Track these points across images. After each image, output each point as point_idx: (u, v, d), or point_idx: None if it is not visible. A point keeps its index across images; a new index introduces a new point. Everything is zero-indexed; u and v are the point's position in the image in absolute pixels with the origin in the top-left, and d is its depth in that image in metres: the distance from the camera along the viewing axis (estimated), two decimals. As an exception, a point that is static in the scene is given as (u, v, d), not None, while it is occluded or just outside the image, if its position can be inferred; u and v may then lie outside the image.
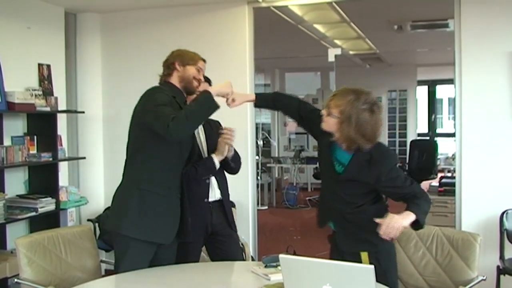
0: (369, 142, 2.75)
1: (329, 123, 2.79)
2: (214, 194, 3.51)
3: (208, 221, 3.46)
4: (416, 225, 2.72)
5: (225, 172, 3.58)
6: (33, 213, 4.66)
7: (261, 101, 3.31)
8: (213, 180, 3.51)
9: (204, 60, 3.40)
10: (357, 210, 2.85)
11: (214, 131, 3.52)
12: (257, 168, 8.06)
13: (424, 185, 9.48)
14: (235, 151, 3.51)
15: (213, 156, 3.39)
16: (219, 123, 3.66)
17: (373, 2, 5.35)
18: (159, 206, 3.06)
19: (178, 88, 3.21)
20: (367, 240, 2.82)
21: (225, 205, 3.56)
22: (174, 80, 3.22)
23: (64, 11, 5.46)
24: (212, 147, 3.48)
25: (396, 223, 2.61)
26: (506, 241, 4.42)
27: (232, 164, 3.53)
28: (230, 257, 3.46)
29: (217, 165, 3.39)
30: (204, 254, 3.66)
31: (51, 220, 4.83)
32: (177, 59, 3.25)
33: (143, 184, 3.04)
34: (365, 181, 2.80)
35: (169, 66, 3.25)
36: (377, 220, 2.65)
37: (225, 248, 3.52)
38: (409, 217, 2.66)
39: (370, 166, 2.77)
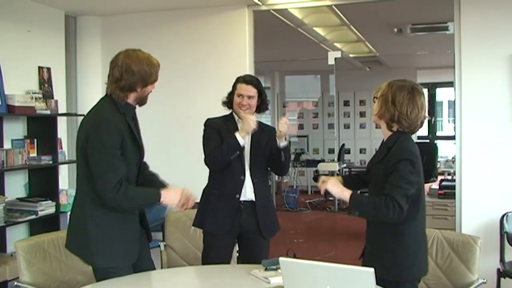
0: (406, 123, 2.71)
1: (375, 109, 2.82)
2: (246, 193, 3.49)
3: (237, 220, 3.47)
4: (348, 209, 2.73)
5: (274, 175, 3.50)
6: (33, 216, 4.67)
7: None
8: (248, 179, 3.50)
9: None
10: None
11: (264, 138, 3.53)
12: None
13: (425, 187, 9.49)
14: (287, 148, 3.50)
15: (236, 133, 3.37)
16: (274, 130, 3.65)
17: (373, 5, 5.35)
18: (120, 227, 2.85)
19: (130, 104, 2.89)
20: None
21: (258, 209, 3.50)
22: (131, 98, 2.87)
23: (64, 14, 5.47)
24: (258, 153, 3.52)
25: (333, 186, 2.76)
26: (506, 244, 4.41)
27: (283, 156, 3.47)
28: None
29: (241, 142, 3.36)
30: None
31: (51, 223, 4.82)
32: (139, 82, 2.84)
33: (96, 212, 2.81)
34: (380, 170, 2.74)
35: (130, 87, 2.83)
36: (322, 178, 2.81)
37: (251, 257, 3.49)
38: (343, 194, 2.73)
39: (387, 154, 2.71)
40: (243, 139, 3.38)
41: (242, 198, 3.47)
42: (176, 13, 5.51)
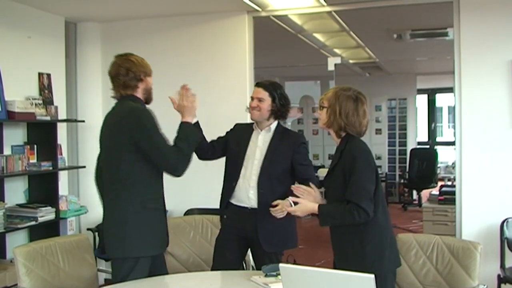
0: (352, 130, 2.87)
1: (322, 116, 2.96)
2: (248, 200, 3.47)
3: (234, 225, 3.51)
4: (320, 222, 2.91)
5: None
6: (33, 222, 4.66)
7: None
8: (250, 184, 3.46)
9: None
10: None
11: (285, 146, 3.50)
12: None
13: (425, 193, 9.50)
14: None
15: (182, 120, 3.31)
16: (300, 137, 3.75)
17: (372, 11, 5.36)
18: (155, 219, 3.07)
19: (141, 99, 3.16)
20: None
21: (258, 217, 3.43)
22: (139, 92, 3.15)
23: (64, 20, 5.48)
24: (273, 159, 3.47)
25: (297, 211, 3.00)
26: (507, 250, 4.40)
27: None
28: None
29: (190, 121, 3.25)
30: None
31: (51, 229, 4.81)
32: (141, 70, 3.13)
33: (150, 204, 3.04)
34: (335, 172, 2.88)
35: (136, 77, 3.11)
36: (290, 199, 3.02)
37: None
38: (310, 210, 2.95)
39: (341, 156, 2.86)
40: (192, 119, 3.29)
41: (243, 204, 3.47)
42: (176, 20, 5.52)
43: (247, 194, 3.46)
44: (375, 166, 2.84)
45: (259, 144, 3.53)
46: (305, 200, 2.96)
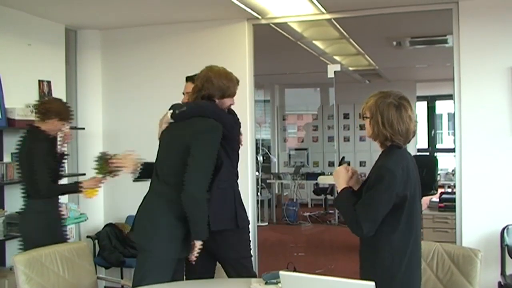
0: (399, 139, 2.71)
1: (366, 127, 2.81)
2: None
3: None
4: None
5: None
6: (33, 230, 4.64)
7: None
8: None
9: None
10: None
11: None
12: (257, 184, 8.04)
13: (425, 200, 9.48)
14: None
15: None
16: None
17: (372, 19, 5.37)
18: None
19: None
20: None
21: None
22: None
23: (64, 28, 5.49)
24: None
25: (337, 176, 2.80)
26: (507, 257, 4.40)
27: None
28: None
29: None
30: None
31: (51, 237, 4.80)
32: (217, 93, 3.28)
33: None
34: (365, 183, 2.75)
35: (209, 97, 3.26)
36: None
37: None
38: (339, 186, 2.78)
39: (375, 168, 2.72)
40: None
41: None
42: (176, 27, 5.53)
43: None
44: (404, 190, 2.63)
45: None
46: (348, 176, 2.81)
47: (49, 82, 5.19)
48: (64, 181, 5.32)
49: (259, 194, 9.18)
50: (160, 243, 2.99)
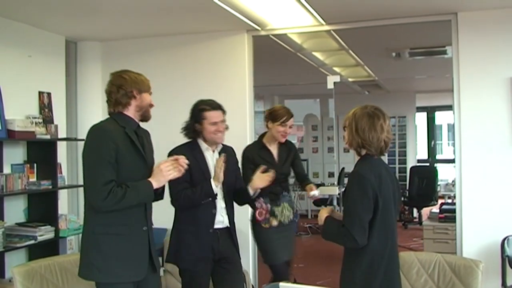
0: (371, 147, 2.84)
1: (345, 138, 2.97)
2: (222, 221, 3.51)
3: (215, 248, 3.47)
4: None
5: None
6: (32, 241, 4.64)
7: None
8: (221, 206, 3.51)
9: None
10: None
11: (229, 158, 3.52)
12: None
13: (425, 211, 9.46)
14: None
15: (212, 181, 3.37)
16: (233, 149, 3.72)
17: (371, 30, 5.39)
18: (119, 245, 2.86)
19: (130, 117, 2.99)
20: None
21: (232, 232, 3.57)
22: (130, 109, 2.99)
23: (65, 39, 5.51)
24: (229, 178, 3.50)
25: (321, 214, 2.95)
26: (508, 268, 4.38)
27: (246, 198, 3.62)
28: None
29: (215, 190, 3.38)
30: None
31: (51, 249, 4.79)
32: (134, 87, 3.00)
33: (97, 228, 2.86)
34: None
35: (127, 94, 2.97)
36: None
37: (228, 277, 3.54)
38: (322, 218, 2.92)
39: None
40: (217, 187, 3.39)
41: (215, 226, 3.49)
42: (176, 39, 5.55)
43: (220, 213, 3.54)
44: (377, 194, 2.74)
45: (210, 162, 3.54)
46: (325, 209, 2.99)
47: (49, 94, 5.20)
48: (64, 192, 5.32)
49: (259, 205, 9.13)
50: (94, 271, 2.88)
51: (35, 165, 4.89)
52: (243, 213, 5.14)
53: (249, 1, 4.46)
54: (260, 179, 3.56)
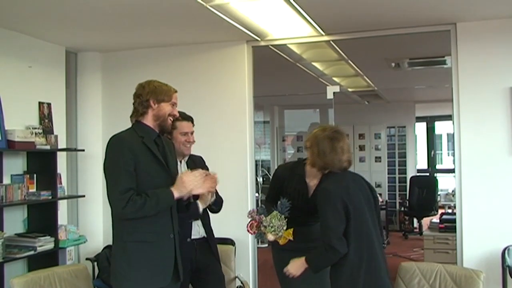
0: (334, 168, 3.03)
1: (308, 158, 3.19)
2: (199, 231, 3.56)
3: (193, 258, 3.50)
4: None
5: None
6: (32, 252, 4.62)
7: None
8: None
9: (176, 91, 3.24)
10: None
11: (198, 167, 3.41)
12: (257, 205, 8.03)
13: (425, 221, 9.44)
14: (217, 194, 3.49)
15: (198, 202, 3.35)
16: (202, 158, 3.70)
17: (370, 41, 5.40)
18: (146, 252, 2.91)
19: (149, 126, 3.05)
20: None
21: (210, 241, 3.62)
22: (148, 118, 3.05)
23: (65, 50, 5.52)
24: None
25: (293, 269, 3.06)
26: (509, 278, 4.37)
27: (214, 207, 3.55)
28: None
29: (201, 210, 3.39)
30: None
31: (50, 259, 4.78)
32: (151, 96, 3.05)
33: (125, 236, 2.92)
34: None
35: (142, 103, 3.05)
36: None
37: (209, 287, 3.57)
38: (302, 266, 3.02)
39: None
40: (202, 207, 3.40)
41: (195, 237, 3.53)
42: (176, 49, 5.57)
43: (196, 224, 3.58)
44: (346, 204, 2.89)
45: (182, 170, 3.53)
46: (295, 260, 3.09)
47: (49, 104, 5.21)
48: (64, 203, 5.32)
49: (259, 215, 9.11)
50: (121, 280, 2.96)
51: (35, 175, 4.89)
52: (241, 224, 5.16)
53: (249, 12, 4.48)
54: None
